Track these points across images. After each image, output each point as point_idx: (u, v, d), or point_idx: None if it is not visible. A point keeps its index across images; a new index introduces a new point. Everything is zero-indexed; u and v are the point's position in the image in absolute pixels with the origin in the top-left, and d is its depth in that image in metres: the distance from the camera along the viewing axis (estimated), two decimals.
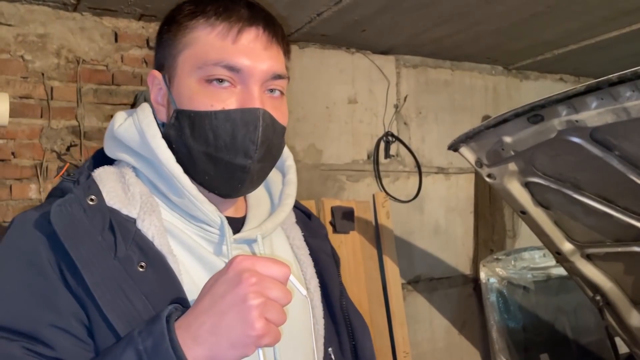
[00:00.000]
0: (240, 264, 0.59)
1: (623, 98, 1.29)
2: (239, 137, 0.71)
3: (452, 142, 1.78)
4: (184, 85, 0.73)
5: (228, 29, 0.72)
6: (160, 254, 0.69)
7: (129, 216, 0.71)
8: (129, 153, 0.76)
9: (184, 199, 0.73)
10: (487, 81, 3.67)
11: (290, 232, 0.89)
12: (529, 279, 3.46)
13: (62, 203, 0.67)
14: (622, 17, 2.75)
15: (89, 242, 0.65)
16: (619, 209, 1.65)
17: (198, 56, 0.72)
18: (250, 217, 0.81)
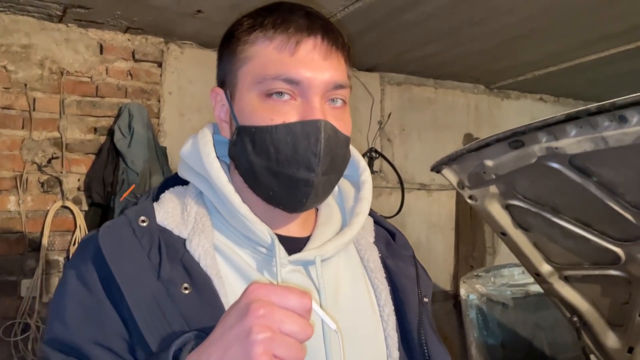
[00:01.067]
0: (253, 293, 0.55)
1: (601, 127, 1.33)
2: (300, 150, 0.68)
3: (435, 164, 1.81)
4: (245, 100, 0.71)
5: (286, 41, 0.69)
6: (206, 275, 0.68)
7: (180, 237, 0.71)
8: (192, 174, 0.77)
9: (235, 219, 0.72)
10: (470, 99, 3.73)
11: (365, 252, 0.83)
12: (508, 295, 3.50)
13: (111, 224, 0.69)
14: (600, 42, 2.82)
15: (134, 262, 0.66)
16: (596, 233, 1.68)
17: (257, 71, 0.70)
18: (315, 236, 0.77)
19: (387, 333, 0.77)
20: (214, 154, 0.74)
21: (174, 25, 2.51)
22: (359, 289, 0.79)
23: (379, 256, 0.83)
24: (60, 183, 2.41)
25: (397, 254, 0.86)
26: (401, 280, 0.82)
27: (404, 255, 0.87)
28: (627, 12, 2.39)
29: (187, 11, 2.33)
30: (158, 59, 2.67)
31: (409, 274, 0.84)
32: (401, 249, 0.88)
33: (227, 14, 2.36)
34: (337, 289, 0.76)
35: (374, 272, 0.81)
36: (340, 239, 0.76)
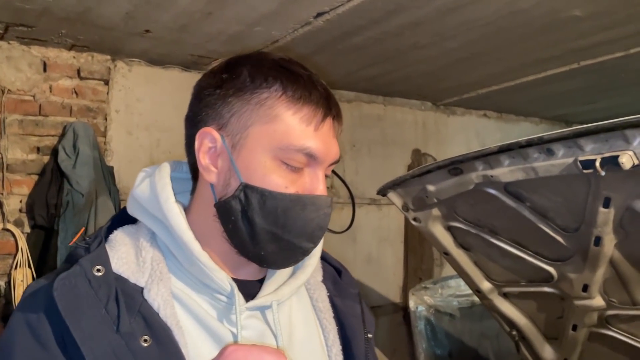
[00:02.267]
0: (231, 355, 0.57)
1: (531, 159, 1.42)
2: (309, 223, 0.71)
3: (381, 188, 1.87)
4: (257, 160, 0.70)
5: (312, 115, 0.71)
6: (166, 326, 0.67)
7: (137, 285, 0.69)
8: (146, 215, 0.75)
9: (194, 266, 0.71)
10: (417, 116, 3.84)
11: (314, 292, 0.84)
12: (454, 305, 3.61)
13: (66, 276, 0.66)
14: (537, 64, 2.98)
15: (92, 316, 0.64)
16: (531, 253, 1.78)
17: (280, 136, 0.70)
18: (269, 279, 0.78)
19: None
20: (173, 198, 0.73)
21: (122, 44, 2.49)
22: (310, 329, 0.81)
23: (327, 295, 0.86)
24: (0, 205, 2.33)
25: (344, 292, 0.89)
26: (348, 319, 0.84)
27: (350, 293, 0.90)
28: (559, 40, 2.54)
29: (134, 31, 2.31)
30: (105, 77, 2.63)
31: (355, 312, 0.87)
32: (348, 287, 0.90)
33: (176, 34, 2.36)
34: (290, 331, 0.78)
35: (323, 312, 0.83)
36: (294, 282, 0.78)
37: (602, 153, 1.27)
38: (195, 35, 2.38)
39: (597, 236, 1.52)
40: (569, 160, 1.34)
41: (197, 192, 0.77)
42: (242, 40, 2.46)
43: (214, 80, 0.73)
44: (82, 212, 2.27)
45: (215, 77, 0.74)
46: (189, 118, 0.76)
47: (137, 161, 2.71)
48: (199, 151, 0.73)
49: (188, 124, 0.76)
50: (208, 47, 2.55)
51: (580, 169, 1.31)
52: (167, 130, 2.81)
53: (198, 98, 0.75)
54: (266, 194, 0.69)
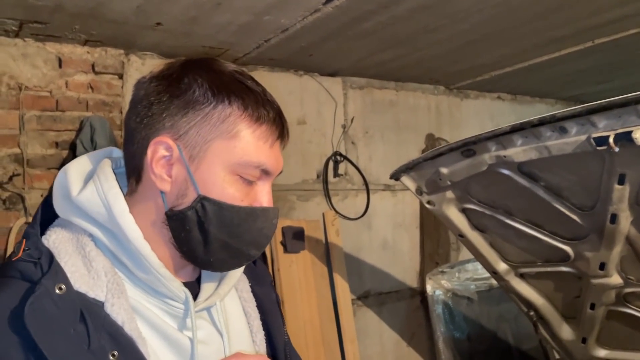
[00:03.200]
0: None
1: (544, 137, 1.42)
2: (259, 233, 0.76)
3: (394, 172, 1.87)
4: (215, 173, 0.72)
5: (269, 133, 0.75)
6: (131, 339, 0.68)
7: (96, 299, 0.69)
8: (90, 222, 0.73)
9: (149, 276, 0.73)
10: (430, 101, 3.82)
11: (239, 283, 0.89)
12: (472, 289, 3.62)
13: (35, 301, 0.64)
14: (551, 44, 2.94)
15: (63, 338, 0.64)
16: (546, 233, 1.78)
17: (240, 152, 0.72)
18: (204, 280, 0.82)
19: None
20: (128, 209, 0.72)
21: (134, 38, 2.51)
22: (240, 320, 0.86)
23: (249, 285, 0.91)
24: (22, 200, 2.39)
25: (260, 280, 0.94)
26: (268, 306, 0.91)
27: (265, 280, 0.96)
28: (572, 18, 2.51)
29: (146, 24, 2.33)
30: (119, 71, 2.66)
31: (272, 298, 0.94)
32: (264, 275, 0.97)
33: (187, 26, 2.37)
34: (227, 325, 0.82)
35: (247, 302, 0.89)
36: (230, 280, 0.83)
37: (615, 129, 1.26)
38: (205, 26, 2.39)
39: (613, 213, 1.51)
40: (582, 138, 1.33)
41: (139, 195, 0.76)
42: (252, 30, 2.47)
43: (171, 88, 0.73)
44: None
45: (171, 85, 0.73)
46: (134, 119, 0.75)
47: None
48: (152, 159, 0.73)
49: (135, 125, 0.75)
50: (218, 37, 2.56)
51: (594, 146, 1.31)
52: None
53: (148, 101, 0.74)
54: (224, 207, 0.73)
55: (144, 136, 0.74)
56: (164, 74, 0.75)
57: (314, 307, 2.98)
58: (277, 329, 0.90)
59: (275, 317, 0.91)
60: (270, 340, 0.88)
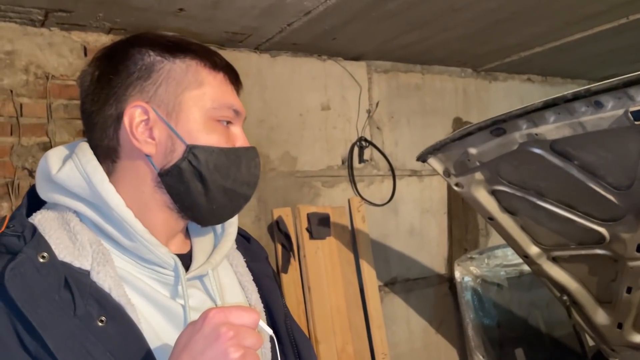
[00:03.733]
0: (214, 318, 0.60)
1: (578, 113, 1.36)
2: (248, 171, 0.80)
3: (421, 154, 1.83)
4: (196, 122, 0.75)
5: (227, 77, 0.80)
6: (119, 305, 0.69)
7: (81, 269, 0.69)
8: (72, 198, 0.74)
9: (136, 243, 0.73)
10: (457, 83, 3.74)
11: (233, 259, 0.90)
12: (502, 276, 3.55)
13: (15, 266, 0.64)
14: (583, 21, 2.84)
15: (47, 303, 0.64)
16: (580, 214, 1.72)
17: (212, 97, 0.77)
18: (196, 251, 0.83)
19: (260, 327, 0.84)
20: (107, 179, 0.73)
21: (157, 24, 2.51)
22: (236, 293, 0.87)
23: (245, 260, 0.92)
24: None
25: (256, 256, 0.96)
26: (264, 280, 0.92)
27: (261, 257, 0.98)
28: None
29: (168, 10, 2.32)
30: None
31: (268, 273, 0.96)
32: (258, 251, 0.98)
33: (209, 11, 2.36)
34: (223, 295, 0.83)
35: (243, 276, 0.90)
36: (222, 249, 0.84)
37: None
38: (228, 11, 2.38)
39: None
40: (619, 112, 1.27)
41: (120, 172, 0.77)
42: (275, 13, 2.44)
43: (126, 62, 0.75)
44: None
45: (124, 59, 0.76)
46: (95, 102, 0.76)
47: None
48: (130, 126, 0.74)
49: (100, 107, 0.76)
50: (241, 22, 2.54)
51: (632, 121, 1.25)
52: None
53: (107, 80, 0.75)
54: (214, 151, 0.76)
55: (112, 112, 0.75)
56: (110, 53, 0.78)
57: (341, 293, 2.97)
58: (275, 302, 0.91)
59: (272, 291, 0.92)
60: (270, 313, 0.90)
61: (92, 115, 0.77)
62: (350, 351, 2.90)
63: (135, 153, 0.75)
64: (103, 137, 0.76)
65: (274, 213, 2.93)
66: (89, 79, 0.78)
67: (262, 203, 2.95)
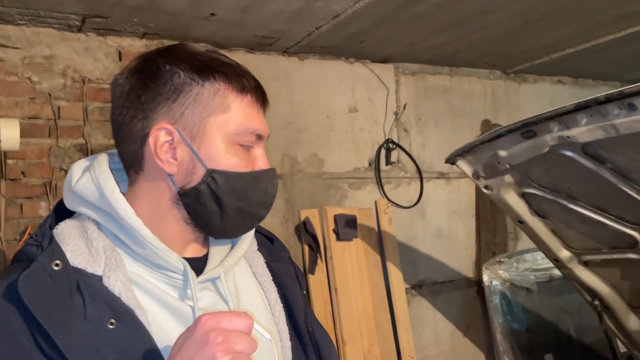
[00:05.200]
0: (206, 323, 0.62)
1: (611, 115, 1.34)
2: (265, 193, 0.82)
3: (450, 156, 1.83)
4: (217, 147, 0.77)
5: (255, 101, 0.81)
6: (129, 308, 0.71)
7: (94, 274, 0.73)
8: (89, 207, 0.78)
9: (146, 250, 0.76)
10: (486, 86, 3.71)
11: (252, 260, 0.93)
12: (531, 280, 3.50)
13: (29, 274, 0.69)
14: (616, 22, 2.79)
15: (59, 308, 0.68)
16: (612, 217, 1.69)
17: (235, 122, 0.78)
18: (212, 255, 0.85)
19: (279, 327, 0.88)
20: (118, 189, 0.77)
21: (188, 29, 2.57)
22: (254, 294, 0.89)
23: (265, 261, 0.94)
24: None
25: (278, 257, 0.98)
26: (285, 280, 0.94)
27: (283, 257, 1.00)
28: None
29: (200, 15, 2.38)
30: None
31: (289, 273, 0.97)
32: (280, 252, 1.00)
33: (239, 15, 2.40)
34: (238, 297, 0.85)
35: (263, 277, 0.92)
36: (236, 253, 0.86)
37: None
38: (258, 15, 2.41)
39: None
40: None
41: (141, 183, 0.80)
42: (303, 17, 2.47)
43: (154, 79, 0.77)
44: None
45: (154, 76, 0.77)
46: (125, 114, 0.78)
47: None
48: (155, 146, 0.77)
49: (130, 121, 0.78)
50: (271, 26, 2.58)
51: None
52: None
53: (136, 96, 0.77)
54: (232, 175, 0.78)
55: (140, 128, 0.77)
56: (142, 66, 0.79)
57: (368, 295, 2.98)
58: (295, 302, 0.93)
59: (293, 291, 0.94)
60: (289, 313, 0.91)
61: (121, 127, 0.80)
62: (376, 353, 2.91)
63: (157, 170, 0.78)
64: (129, 149, 0.79)
65: (301, 214, 2.95)
66: (119, 90, 0.80)
67: (290, 204, 2.98)
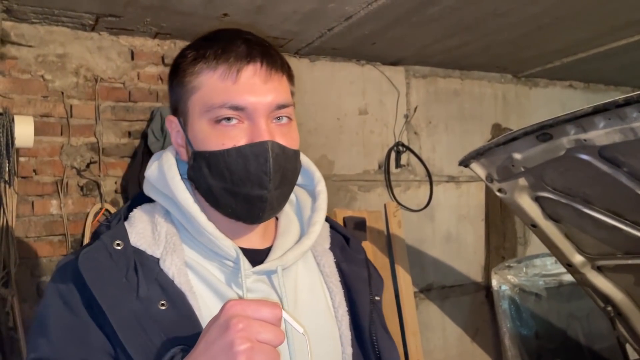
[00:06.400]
0: (231, 309, 0.62)
1: (630, 119, 1.33)
2: (252, 171, 0.74)
3: (463, 159, 1.82)
4: (197, 127, 0.77)
5: (228, 70, 0.75)
6: (180, 291, 0.74)
7: (153, 256, 0.76)
8: (159, 194, 0.82)
9: (202, 236, 0.78)
10: (497, 89, 3.70)
11: (321, 258, 0.89)
12: (540, 285, 3.48)
13: (89, 251, 0.74)
14: (629, 27, 2.77)
15: (114, 284, 0.72)
16: (628, 222, 1.68)
17: (205, 100, 0.76)
18: (275, 247, 0.84)
19: (341, 332, 0.85)
20: (179, 177, 0.80)
21: (201, 29, 2.55)
22: (316, 293, 0.86)
23: (334, 261, 0.90)
24: (98, 186, 2.50)
25: (351, 258, 0.93)
26: (354, 283, 0.89)
27: (357, 258, 0.94)
28: None
29: (213, 15, 2.38)
30: None
31: (361, 276, 0.92)
32: (355, 253, 0.95)
33: (252, 16, 2.40)
34: (296, 294, 0.83)
35: (329, 277, 0.88)
36: (298, 248, 0.83)
37: None
38: (270, 15, 2.41)
39: None
40: None
41: None
42: (316, 18, 2.47)
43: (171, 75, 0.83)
44: None
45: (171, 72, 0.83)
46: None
47: None
48: (172, 137, 0.83)
49: None
50: (283, 27, 2.58)
51: None
52: None
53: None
54: (207, 155, 0.76)
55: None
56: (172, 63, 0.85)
57: None
58: (362, 307, 0.88)
59: (361, 295, 0.89)
60: (355, 318, 0.87)
61: None
62: None
63: None
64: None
65: None
66: None
67: None
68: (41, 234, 2.41)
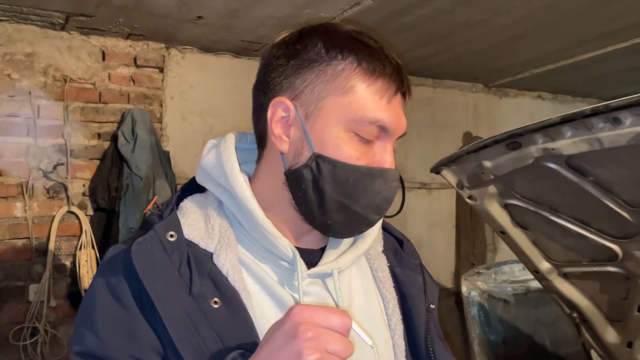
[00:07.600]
0: (298, 315, 0.57)
1: (596, 129, 1.36)
2: (377, 195, 0.72)
3: (435, 165, 1.84)
4: (330, 131, 0.71)
5: (386, 88, 0.71)
6: (234, 290, 0.69)
7: (206, 250, 0.72)
8: (214, 184, 0.77)
9: (258, 232, 0.73)
10: (468, 98, 3.76)
11: (374, 262, 0.85)
12: (509, 292, 3.53)
13: (143, 241, 0.69)
14: (597, 40, 2.85)
15: (166, 278, 0.67)
16: (593, 230, 1.71)
17: (354, 108, 0.70)
18: (329, 249, 0.79)
19: (394, 341, 0.80)
20: (238, 168, 0.75)
21: (175, 31, 2.55)
22: (370, 299, 0.81)
23: (388, 265, 0.86)
24: (65, 189, 2.44)
25: (405, 263, 0.88)
26: (409, 289, 0.84)
27: (411, 263, 0.89)
28: (623, 12, 2.42)
29: (187, 17, 2.36)
30: (159, 65, 2.70)
31: (416, 282, 0.86)
32: (409, 258, 0.90)
33: (227, 19, 2.39)
34: (350, 299, 0.78)
35: (383, 282, 0.83)
36: (354, 251, 0.79)
37: None
38: (245, 20, 2.41)
39: None
40: (638, 129, 1.28)
41: (264, 160, 0.78)
42: (292, 24, 2.46)
43: (287, 51, 0.73)
44: (141, 194, 2.35)
45: (287, 48, 0.74)
46: (258, 87, 0.77)
47: (191, 146, 2.78)
48: (271, 120, 0.73)
49: (258, 93, 0.77)
50: (258, 32, 2.57)
51: None
52: (220, 115, 2.87)
53: (269, 67, 0.75)
54: (338, 165, 0.70)
55: (264, 101, 0.75)
56: (283, 40, 0.76)
57: None
58: (417, 315, 0.83)
59: (416, 302, 0.84)
60: (409, 327, 0.82)
61: (254, 99, 0.78)
62: None
63: (274, 147, 0.75)
64: (256, 121, 0.78)
65: None
66: (262, 63, 0.77)
67: None
68: (4, 237, 2.33)
